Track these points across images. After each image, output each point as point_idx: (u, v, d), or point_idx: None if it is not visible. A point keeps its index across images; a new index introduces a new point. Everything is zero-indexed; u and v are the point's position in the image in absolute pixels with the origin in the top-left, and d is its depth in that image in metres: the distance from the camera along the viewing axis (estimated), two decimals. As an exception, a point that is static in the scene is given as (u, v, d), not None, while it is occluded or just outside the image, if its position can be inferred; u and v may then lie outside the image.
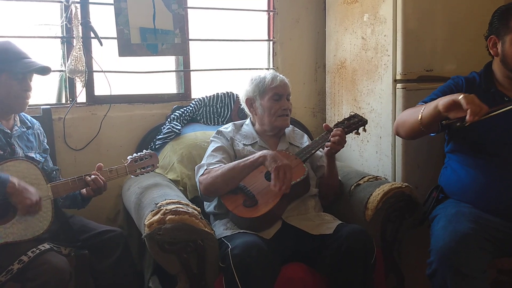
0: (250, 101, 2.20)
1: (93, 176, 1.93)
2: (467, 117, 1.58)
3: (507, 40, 1.85)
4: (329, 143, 2.01)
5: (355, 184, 2.17)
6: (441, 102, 1.69)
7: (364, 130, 2.14)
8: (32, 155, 1.97)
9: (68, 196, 1.98)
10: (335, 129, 2.04)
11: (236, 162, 2.00)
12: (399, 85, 2.27)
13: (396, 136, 2.26)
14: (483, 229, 1.76)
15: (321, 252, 1.85)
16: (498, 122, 1.86)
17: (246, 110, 2.25)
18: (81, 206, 2.06)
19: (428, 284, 1.82)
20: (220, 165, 2.01)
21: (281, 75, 2.20)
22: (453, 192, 1.98)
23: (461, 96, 1.62)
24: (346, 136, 2.05)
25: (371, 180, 2.16)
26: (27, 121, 2.05)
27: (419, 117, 1.81)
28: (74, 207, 2.06)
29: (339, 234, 1.85)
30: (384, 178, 2.25)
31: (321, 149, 2.17)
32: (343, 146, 2.02)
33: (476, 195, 1.88)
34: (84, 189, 1.96)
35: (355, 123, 2.12)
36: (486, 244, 1.75)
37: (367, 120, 2.15)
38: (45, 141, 2.13)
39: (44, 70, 1.94)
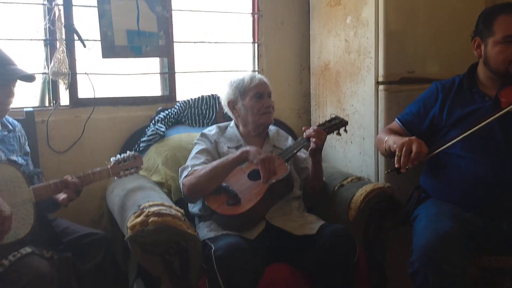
0: (232, 104, 2.21)
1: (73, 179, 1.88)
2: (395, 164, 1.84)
3: (489, 43, 1.91)
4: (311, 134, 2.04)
5: (338, 185, 2.18)
6: (392, 145, 1.93)
7: (345, 130, 2.16)
8: (14, 158, 1.96)
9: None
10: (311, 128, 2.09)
11: (219, 160, 2.02)
12: (381, 87, 2.29)
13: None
14: (463, 227, 1.78)
15: (305, 252, 1.87)
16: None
17: (229, 113, 2.26)
18: (52, 211, 2.01)
19: (411, 283, 1.83)
20: (204, 167, 2.02)
21: (259, 75, 2.22)
22: (435, 192, 2.00)
23: (396, 146, 1.85)
24: (329, 136, 2.08)
25: (354, 180, 2.18)
26: (9, 124, 2.03)
27: (384, 150, 2.03)
28: (48, 211, 2.02)
29: (322, 234, 1.87)
30: (367, 178, 2.27)
31: (305, 151, 2.19)
32: (322, 141, 2.03)
33: (458, 194, 1.91)
34: (61, 197, 1.92)
35: (336, 124, 2.14)
36: (466, 241, 1.76)
37: (347, 121, 2.17)
38: (26, 143, 2.11)
39: (29, 78, 1.94)
